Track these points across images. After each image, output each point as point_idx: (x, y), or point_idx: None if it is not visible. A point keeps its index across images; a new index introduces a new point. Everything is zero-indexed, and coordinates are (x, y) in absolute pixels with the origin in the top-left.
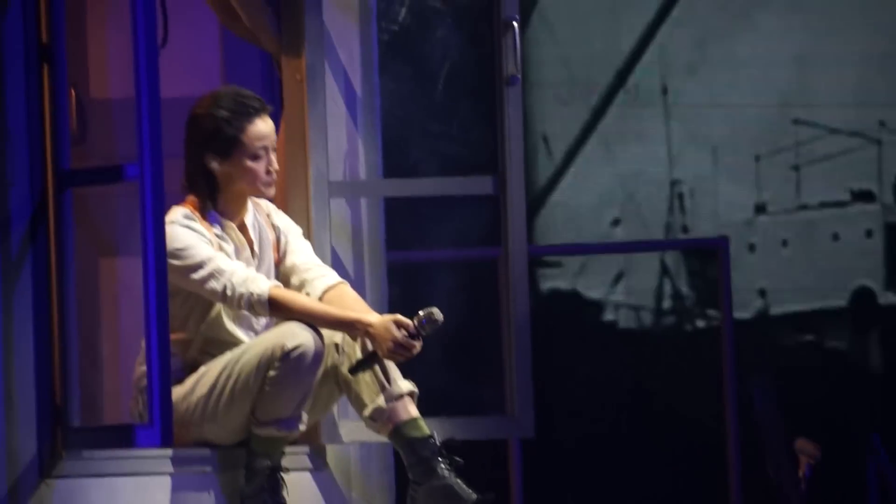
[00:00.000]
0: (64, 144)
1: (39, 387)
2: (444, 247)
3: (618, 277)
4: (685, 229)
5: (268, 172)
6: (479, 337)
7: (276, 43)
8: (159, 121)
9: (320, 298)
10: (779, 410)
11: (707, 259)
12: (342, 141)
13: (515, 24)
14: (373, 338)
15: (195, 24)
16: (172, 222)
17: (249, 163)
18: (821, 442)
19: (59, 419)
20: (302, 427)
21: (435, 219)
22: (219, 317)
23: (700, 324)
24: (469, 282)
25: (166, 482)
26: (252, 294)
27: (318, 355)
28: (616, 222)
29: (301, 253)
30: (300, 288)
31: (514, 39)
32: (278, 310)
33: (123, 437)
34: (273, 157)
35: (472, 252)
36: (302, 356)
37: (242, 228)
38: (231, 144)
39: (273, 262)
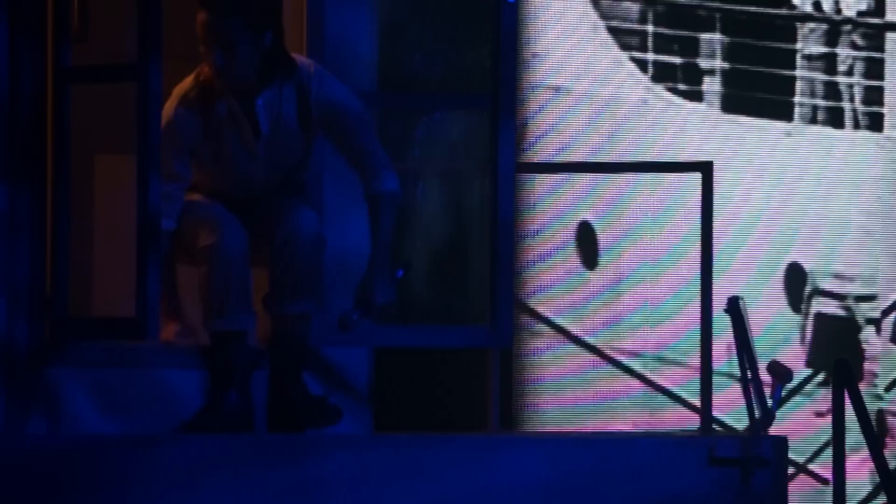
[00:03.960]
0: (66, 42)
1: (32, 279)
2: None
3: None
4: None
5: (212, 65)
6: (465, 248)
7: None
8: (161, 20)
9: None
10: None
11: None
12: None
13: None
14: None
15: None
16: (166, 112)
17: (202, 47)
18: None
19: (50, 310)
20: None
21: (425, 131)
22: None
23: None
24: (457, 194)
25: (152, 375)
26: None
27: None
28: None
29: (353, 137)
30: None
31: None
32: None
33: (111, 329)
34: (212, 54)
35: (461, 166)
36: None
37: (250, 104)
38: None
39: (298, 135)
